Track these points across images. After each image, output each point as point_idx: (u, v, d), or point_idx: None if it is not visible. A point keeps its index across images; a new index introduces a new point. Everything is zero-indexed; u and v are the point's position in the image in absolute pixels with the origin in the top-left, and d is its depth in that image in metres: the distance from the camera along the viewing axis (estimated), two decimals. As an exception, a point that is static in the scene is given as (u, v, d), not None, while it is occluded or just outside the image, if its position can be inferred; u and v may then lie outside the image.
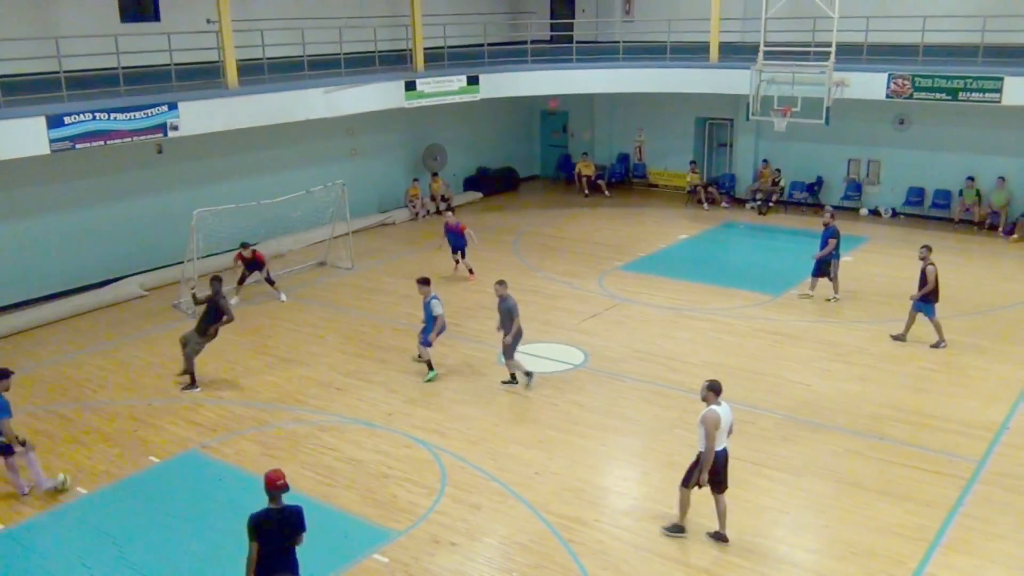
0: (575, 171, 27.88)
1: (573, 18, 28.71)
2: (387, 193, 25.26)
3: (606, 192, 27.32)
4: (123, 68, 17.43)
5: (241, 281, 18.09)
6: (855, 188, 24.61)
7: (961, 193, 22.75)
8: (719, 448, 9.67)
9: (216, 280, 14.25)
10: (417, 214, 24.87)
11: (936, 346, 15.11)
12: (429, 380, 14.19)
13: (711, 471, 9.66)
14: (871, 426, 12.52)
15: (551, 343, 15.65)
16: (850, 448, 11.93)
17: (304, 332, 16.55)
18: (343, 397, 13.82)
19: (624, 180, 28.62)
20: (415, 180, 25.25)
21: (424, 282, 14.27)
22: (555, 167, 30.02)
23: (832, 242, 16.98)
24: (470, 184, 27.86)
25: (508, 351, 13.78)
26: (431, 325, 14.07)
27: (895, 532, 10.05)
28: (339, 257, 20.66)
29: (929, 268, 15.02)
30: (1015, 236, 21.49)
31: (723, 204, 25.56)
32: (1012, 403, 13.12)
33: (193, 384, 14.11)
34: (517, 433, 12.52)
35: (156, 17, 20.53)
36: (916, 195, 23.74)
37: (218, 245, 18.49)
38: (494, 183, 28.06)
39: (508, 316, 13.65)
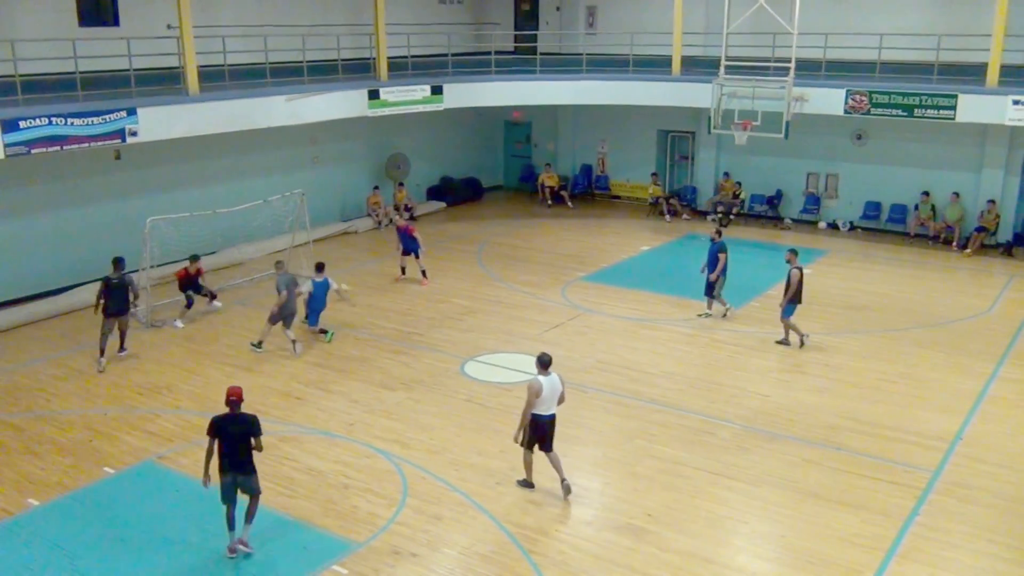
0: (538, 182, 27.98)
1: (537, 30, 28.87)
2: (350, 201, 25.15)
3: (569, 203, 27.43)
4: (81, 73, 17.19)
5: (209, 296, 17.69)
6: (814, 201, 24.95)
7: (917, 207, 23.17)
8: (547, 414, 10.78)
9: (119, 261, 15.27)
10: (380, 223, 24.78)
11: (782, 343, 15.85)
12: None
13: (539, 434, 10.79)
14: (828, 436, 12.67)
15: (513, 353, 15.65)
16: (807, 458, 12.06)
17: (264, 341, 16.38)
18: (303, 407, 13.70)
19: (587, 191, 28.76)
20: (376, 188, 25.17)
21: (319, 268, 16.33)
22: (518, 178, 30.08)
23: (722, 257, 17.00)
24: (433, 193, 27.83)
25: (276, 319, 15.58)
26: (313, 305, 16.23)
27: (851, 541, 10.17)
28: (300, 266, 20.47)
29: (793, 271, 15.48)
30: (968, 251, 21.92)
31: (684, 216, 25.78)
32: (966, 414, 13.36)
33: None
34: (479, 443, 12.49)
35: (116, 22, 20.30)
36: (873, 209, 24.14)
37: (175, 254, 18.21)
38: (457, 193, 28.03)
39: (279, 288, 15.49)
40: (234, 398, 9.71)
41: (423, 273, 19.53)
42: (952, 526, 10.47)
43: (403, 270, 19.86)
